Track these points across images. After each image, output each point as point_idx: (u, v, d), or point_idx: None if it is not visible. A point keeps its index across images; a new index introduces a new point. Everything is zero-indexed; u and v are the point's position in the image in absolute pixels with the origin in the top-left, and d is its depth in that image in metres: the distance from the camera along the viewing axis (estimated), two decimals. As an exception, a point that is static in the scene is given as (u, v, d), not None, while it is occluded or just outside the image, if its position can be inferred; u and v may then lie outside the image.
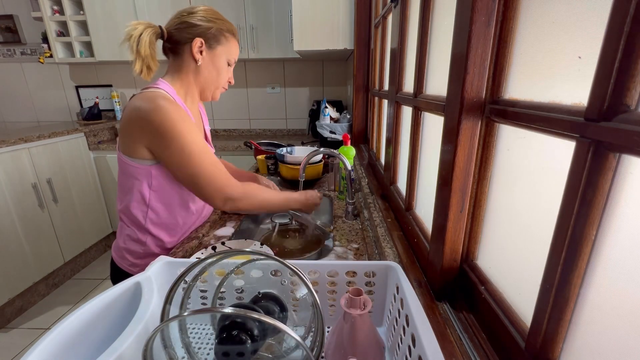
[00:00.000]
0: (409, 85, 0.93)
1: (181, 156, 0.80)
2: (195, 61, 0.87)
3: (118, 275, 0.96)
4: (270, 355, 0.52)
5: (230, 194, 0.85)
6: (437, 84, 0.69)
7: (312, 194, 1.05)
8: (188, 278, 0.50)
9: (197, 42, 0.85)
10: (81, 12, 2.47)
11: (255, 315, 0.38)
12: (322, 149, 1.07)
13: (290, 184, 1.45)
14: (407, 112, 0.94)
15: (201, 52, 0.87)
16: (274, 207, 0.97)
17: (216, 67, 0.91)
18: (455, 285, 0.58)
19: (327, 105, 2.18)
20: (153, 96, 0.79)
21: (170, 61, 0.91)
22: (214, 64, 0.90)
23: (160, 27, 0.87)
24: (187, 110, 0.89)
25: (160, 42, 0.89)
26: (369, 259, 0.85)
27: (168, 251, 0.95)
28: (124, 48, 0.85)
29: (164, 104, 0.78)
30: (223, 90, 0.97)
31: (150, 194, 0.89)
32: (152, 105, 0.77)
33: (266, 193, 0.95)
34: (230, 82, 0.97)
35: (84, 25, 2.53)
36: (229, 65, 0.93)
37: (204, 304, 0.62)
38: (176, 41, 0.87)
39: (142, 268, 0.92)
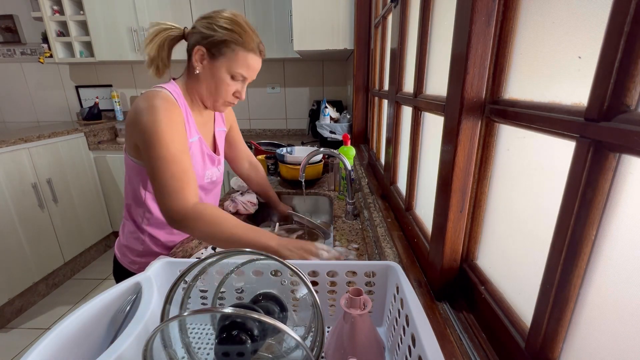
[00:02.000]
0: (409, 85, 0.93)
1: (149, 158, 0.77)
2: (195, 69, 0.84)
3: (120, 272, 0.98)
4: (270, 355, 0.52)
5: (173, 214, 0.75)
6: (437, 84, 0.69)
7: (306, 246, 0.75)
8: (188, 278, 0.50)
9: (199, 50, 0.82)
10: (81, 12, 2.47)
11: (255, 315, 0.38)
12: (322, 149, 1.07)
13: (290, 184, 1.45)
14: (407, 112, 0.94)
15: (202, 61, 0.83)
16: (234, 241, 0.75)
17: (214, 79, 0.84)
18: (455, 285, 0.58)
19: (327, 105, 2.18)
20: (152, 95, 0.79)
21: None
22: (212, 75, 0.84)
23: (184, 29, 0.87)
24: (189, 113, 0.88)
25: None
26: (369, 259, 0.85)
27: (168, 250, 0.96)
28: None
29: (157, 103, 0.77)
30: (229, 105, 0.91)
31: (146, 193, 0.90)
32: (146, 104, 0.77)
33: (226, 223, 0.76)
34: (238, 97, 0.89)
35: (84, 25, 2.53)
36: (233, 79, 0.85)
37: (204, 304, 0.62)
38: (188, 45, 0.86)
39: (142, 265, 0.94)
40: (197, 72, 0.84)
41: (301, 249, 0.74)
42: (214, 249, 0.89)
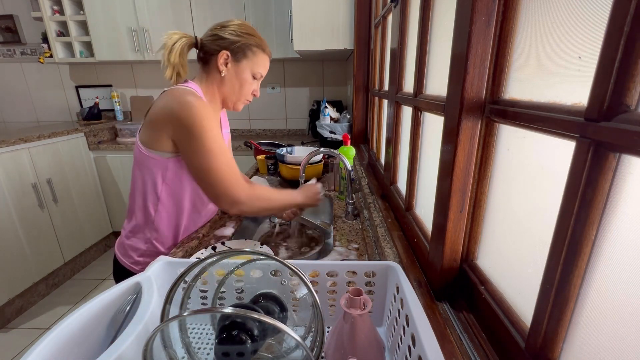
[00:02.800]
0: (409, 85, 0.93)
1: (200, 151, 0.82)
2: (220, 72, 0.91)
3: (121, 273, 0.97)
4: (270, 355, 0.52)
5: (237, 197, 0.86)
6: (437, 84, 0.69)
7: (312, 188, 1.05)
8: (188, 278, 0.50)
9: (224, 54, 0.89)
10: (81, 12, 2.47)
11: (255, 315, 0.38)
12: (322, 149, 1.07)
13: (290, 184, 1.45)
14: (407, 112, 0.94)
15: (226, 65, 0.91)
16: (278, 207, 0.98)
17: (239, 80, 0.93)
18: (455, 285, 0.58)
19: (327, 105, 2.18)
20: (182, 92, 0.84)
21: (199, 68, 0.95)
22: (237, 77, 0.93)
23: (196, 37, 0.92)
24: None
25: (194, 51, 0.94)
26: (369, 259, 0.85)
27: (170, 248, 0.96)
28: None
29: (192, 99, 0.82)
30: (246, 102, 1.00)
31: (163, 186, 0.90)
32: (181, 100, 0.82)
33: (271, 194, 0.96)
34: (255, 95, 1.00)
35: (84, 25, 2.53)
36: (254, 78, 0.95)
37: (204, 304, 0.62)
38: (207, 51, 0.91)
39: (144, 266, 0.93)
40: (223, 74, 0.92)
41: (314, 196, 1.04)
42: (214, 248, 0.89)
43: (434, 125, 0.70)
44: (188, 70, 0.93)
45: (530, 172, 0.42)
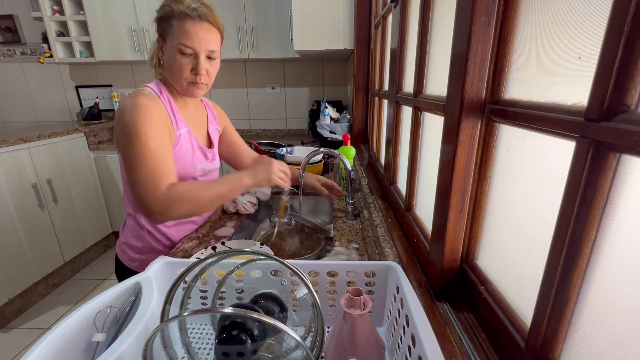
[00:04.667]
0: (409, 85, 0.93)
1: (127, 151, 0.77)
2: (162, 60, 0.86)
3: (121, 270, 0.98)
4: (270, 355, 0.52)
5: (149, 208, 0.76)
6: (437, 84, 0.69)
7: (265, 161, 0.91)
8: (188, 278, 0.50)
9: (158, 41, 0.85)
10: (81, 12, 2.47)
11: (255, 315, 0.38)
12: (322, 149, 1.07)
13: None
14: (407, 112, 0.94)
15: (162, 49, 0.84)
16: (218, 199, 0.82)
17: (169, 61, 0.83)
18: (455, 285, 0.58)
19: (327, 105, 2.18)
20: (135, 94, 0.82)
21: None
22: (168, 59, 0.83)
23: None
24: (174, 107, 0.88)
25: None
26: (369, 259, 0.85)
27: (167, 246, 0.96)
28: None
29: (139, 100, 0.79)
30: (194, 85, 0.85)
31: None
32: (128, 101, 0.79)
33: (200, 191, 0.81)
34: (197, 73, 0.82)
35: (84, 25, 2.53)
36: (182, 54, 0.80)
37: (204, 304, 0.62)
38: None
39: (141, 262, 0.95)
40: (162, 62, 0.87)
41: (277, 171, 0.89)
42: (213, 248, 0.89)
43: (434, 125, 0.70)
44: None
45: (530, 172, 0.42)
